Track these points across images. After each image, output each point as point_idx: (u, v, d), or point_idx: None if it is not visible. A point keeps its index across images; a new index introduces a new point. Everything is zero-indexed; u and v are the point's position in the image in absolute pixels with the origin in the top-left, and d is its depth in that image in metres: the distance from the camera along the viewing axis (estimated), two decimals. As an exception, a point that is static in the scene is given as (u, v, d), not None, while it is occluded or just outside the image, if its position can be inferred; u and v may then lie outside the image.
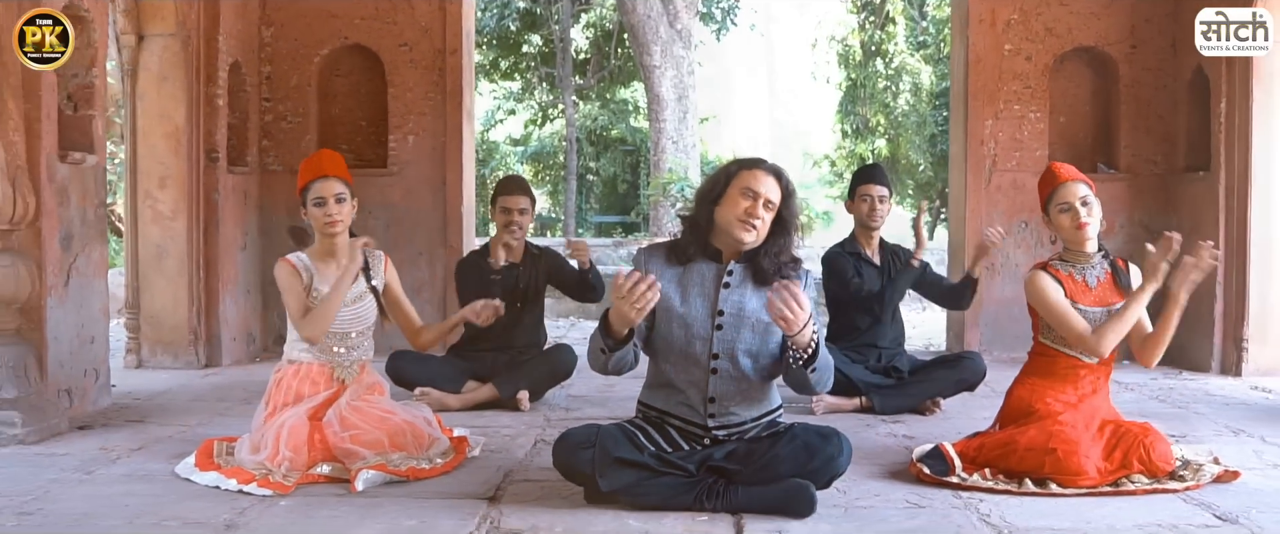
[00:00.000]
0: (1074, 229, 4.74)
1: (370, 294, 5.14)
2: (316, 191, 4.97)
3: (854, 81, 27.54)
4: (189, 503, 4.33)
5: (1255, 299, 7.61)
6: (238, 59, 8.40)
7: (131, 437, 5.55)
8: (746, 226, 4.18)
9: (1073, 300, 4.74)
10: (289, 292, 5.00)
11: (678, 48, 19.75)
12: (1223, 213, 7.81)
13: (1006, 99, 8.66)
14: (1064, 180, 4.76)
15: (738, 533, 3.98)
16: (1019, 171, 8.63)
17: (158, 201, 7.91)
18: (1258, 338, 7.68)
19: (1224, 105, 7.76)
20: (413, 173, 8.84)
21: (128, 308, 7.98)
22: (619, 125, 29.72)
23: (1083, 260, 4.81)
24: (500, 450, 5.29)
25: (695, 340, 4.25)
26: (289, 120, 8.83)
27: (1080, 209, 4.71)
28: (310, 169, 5.04)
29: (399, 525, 4.03)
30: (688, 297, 4.27)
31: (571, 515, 4.12)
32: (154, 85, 7.86)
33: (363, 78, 9.02)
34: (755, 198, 4.18)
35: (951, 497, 4.43)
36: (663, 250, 4.39)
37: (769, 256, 4.25)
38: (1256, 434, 5.74)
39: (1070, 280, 4.78)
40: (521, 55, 29.01)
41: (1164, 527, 4.03)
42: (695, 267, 4.32)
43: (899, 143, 27.13)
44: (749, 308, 4.24)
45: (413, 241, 8.80)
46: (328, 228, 4.98)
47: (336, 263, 5.05)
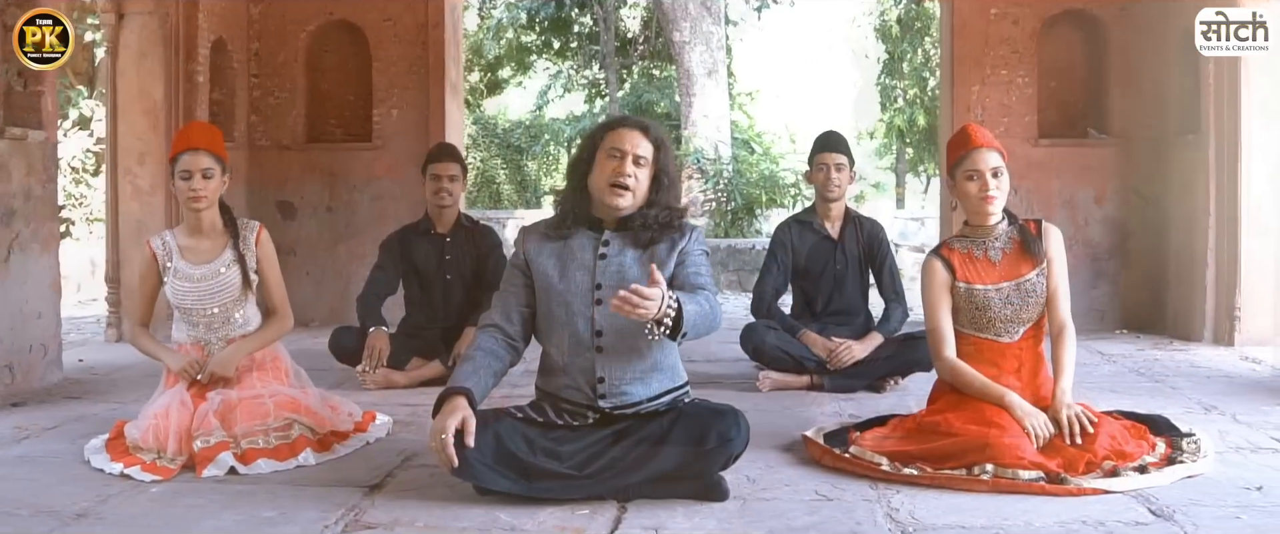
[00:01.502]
0: (979, 199, 4.17)
1: (236, 265, 4.65)
2: (183, 165, 4.53)
3: (891, 56, 26.87)
4: (58, 488, 3.92)
5: (1247, 266, 6.97)
6: (223, 36, 8.03)
7: (54, 414, 5.19)
8: (617, 191, 3.72)
9: (968, 282, 4.21)
10: (139, 282, 4.70)
11: (707, 23, 19.15)
12: (1213, 177, 7.18)
13: (993, 64, 8.07)
14: (977, 146, 4.18)
15: (616, 527, 3.50)
16: (1006, 138, 8.02)
17: (137, 177, 7.57)
18: (1250, 306, 7.04)
19: (1213, 67, 7.13)
20: (396, 146, 8.44)
21: (108, 282, 7.65)
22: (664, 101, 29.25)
23: (984, 234, 4.26)
24: (416, 431, 4.82)
25: (577, 318, 3.78)
26: (277, 96, 8.46)
27: (990, 179, 4.15)
28: (180, 141, 4.61)
29: (255, 517, 3.58)
30: (567, 272, 3.81)
31: (442, 509, 3.64)
32: (133, 62, 7.52)
33: (350, 53, 8.63)
34: (623, 157, 3.72)
35: (868, 488, 3.89)
36: (541, 227, 3.91)
37: (643, 217, 3.78)
38: (1228, 411, 5.14)
39: (968, 259, 4.24)
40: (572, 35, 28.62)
41: (1089, 523, 3.47)
42: (574, 239, 3.85)
43: (936, 113, 26.42)
44: (630, 276, 3.74)
45: (398, 216, 8.34)
46: (192, 203, 4.55)
47: (205, 237, 4.64)
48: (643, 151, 3.75)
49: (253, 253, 4.71)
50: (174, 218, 7.56)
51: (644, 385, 3.84)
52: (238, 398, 4.41)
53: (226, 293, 4.64)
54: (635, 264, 3.79)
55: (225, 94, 8.13)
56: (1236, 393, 5.63)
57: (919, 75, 26.61)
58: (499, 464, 3.65)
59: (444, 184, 6.01)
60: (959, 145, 4.26)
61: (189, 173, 4.52)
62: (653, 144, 3.79)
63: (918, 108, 27.20)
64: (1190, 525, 3.45)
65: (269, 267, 4.77)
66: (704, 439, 3.65)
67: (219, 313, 4.64)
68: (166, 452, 4.18)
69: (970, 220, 4.29)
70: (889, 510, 3.64)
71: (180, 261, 4.60)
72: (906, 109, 27.53)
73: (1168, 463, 4.04)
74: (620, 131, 3.79)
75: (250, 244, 4.71)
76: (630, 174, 3.73)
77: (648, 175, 3.79)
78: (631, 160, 3.73)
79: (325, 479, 4.05)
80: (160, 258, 4.62)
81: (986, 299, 4.21)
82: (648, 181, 3.79)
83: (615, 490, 3.69)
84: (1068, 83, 8.32)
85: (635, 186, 3.75)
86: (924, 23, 26.13)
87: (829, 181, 5.88)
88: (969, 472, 3.91)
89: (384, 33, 8.39)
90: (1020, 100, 8.07)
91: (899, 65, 26.91)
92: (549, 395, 3.91)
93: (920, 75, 26.58)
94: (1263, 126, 7.00)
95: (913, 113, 27.32)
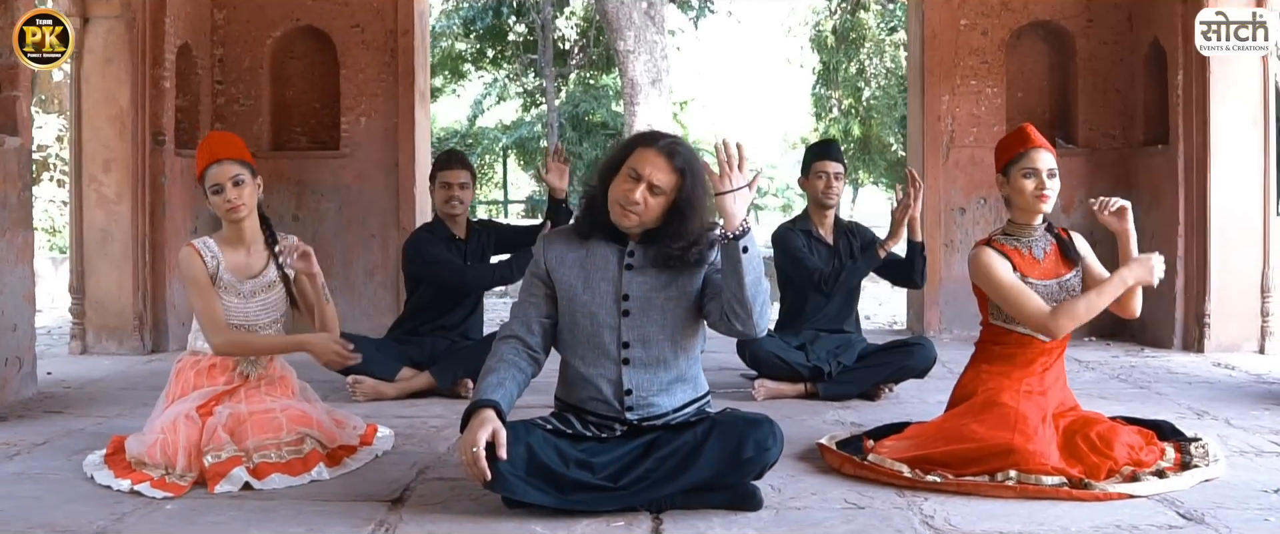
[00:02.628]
0: (1035, 196, 4.19)
1: (280, 284, 4.51)
2: (212, 178, 4.33)
3: (826, 65, 27.04)
4: (67, 507, 3.78)
5: (1217, 274, 7.09)
6: (188, 41, 7.85)
7: (40, 430, 5.01)
8: (623, 213, 3.60)
9: (1023, 275, 4.22)
10: (194, 284, 4.36)
11: (651, 32, 19.13)
12: (1182, 187, 7.31)
13: (963, 74, 8.13)
14: (1036, 145, 4.22)
15: (654, 538, 3.46)
16: (976, 147, 8.11)
17: (102, 185, 7.37)
18: (1219, 313, 7.17)
19: (1181, 78, 7.24)
20: (365, 155, 8.30)
21: (72, 293, 7.44)
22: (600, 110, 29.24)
23: (1028, 233, 4.29)
24: (421, 443, 4.75)
25: (603, 329, 3.71)
26: (242, 103, 8.29)
27: (1046, 179, 4.19)
28: (203, 155, 4.40)
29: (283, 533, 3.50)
30: (591, 282, 3.72)
31: (474, 523, 3.57)
32: (99, 68, 7.32)
33: (316, 60, 8.48)
34: (636, 180, 3.58)
35: (895, 496, 3.88)
36: (564, 234, 3.82)
37: (669, 242, 3.64)
38: (1221, 416, 5.22)
39: (1017, 254, 4.26)
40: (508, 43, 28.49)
41: (1123, 528, 3.49)
42: (596, 248, 3.75)
43: (871, 124, 26.67)
44: (657, 286, 3.70)
45: (365, 224, 8.28)
46: (230, 214, 4.36)
47: (246, 249, 4.45)
48: (660, 180, 3.58)
49: (293, 269, 4.58)
50: (142, 226, 7.39)
51: (669, 396, 3.78)
52: (247, 412, 4.27)
53: (274, 310, 4.49)
54: (662, 274, 3.72)
55: (189, 101, 7.95)
56: (1222, 398, 5.71)
57: (854, 86, 26.82)
58: (532, 476, 3.57)
59: (455, 192, 5.94)
60: (1016, 143, 4.28)
61: (220, 185, 4.34)
62: (676, 173, 3.60)
63: (852, 118, 27.42)
64: (1223, 528, 3.49)
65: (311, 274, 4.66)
66: (740, 449, 3.61)
67: (266, 329, 4.47)
68: (176, 467, 4.04)
69: (1017, 218, 4.31)
70: (924, 517, 3.63)
71: (227, 276, 4.40)
72: (841, 119, 27.73)
73: (1182, 468, 4.08)
74: (643, 153, 3.61)
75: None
76: (639, 201, 3.59)
77: (662, 204, 3.61)
78: (646, 187, 3.58)
79: (344, 494, 3.95)
80: (208, 263, 4.38)
81: (1042, 293, 4.22)
82: (660, 209, 3.62)
83: (649, 502, 3.64)
84: (1034, 93, 8.40)
85: (642, 213, 3.61)
86: (859, 34, 26.37)
87: (829, 189, 5.87)
88: (992, 478, 3.92)
89: (352, 39, 8.25)
90: (989, 110, 8.14)
91: (834, 76, 27.09)
92: (572, 407, 3.85)
93: (855, 86, 26.79)
94: (1230, 138, 7.13)
95: (848, 123, 27.52)
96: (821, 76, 27.68)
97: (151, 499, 3.86)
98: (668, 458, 3.66)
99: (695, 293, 3.73)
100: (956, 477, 3.95)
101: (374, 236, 8.25)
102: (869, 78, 26.56)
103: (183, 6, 7.73)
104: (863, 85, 26.67)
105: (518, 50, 28.34)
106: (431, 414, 5.38)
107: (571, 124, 28.86)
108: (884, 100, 26.17)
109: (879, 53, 26.30)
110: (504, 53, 29.16)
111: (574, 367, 3.80)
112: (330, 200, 8.18)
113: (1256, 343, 7.20)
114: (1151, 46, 7.64)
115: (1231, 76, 7.07)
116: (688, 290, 3.72)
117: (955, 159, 8.14)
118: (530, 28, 27.59)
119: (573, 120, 28.90)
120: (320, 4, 8.26)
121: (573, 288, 3.72)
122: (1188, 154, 7.25)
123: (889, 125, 25.94)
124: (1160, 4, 7.47)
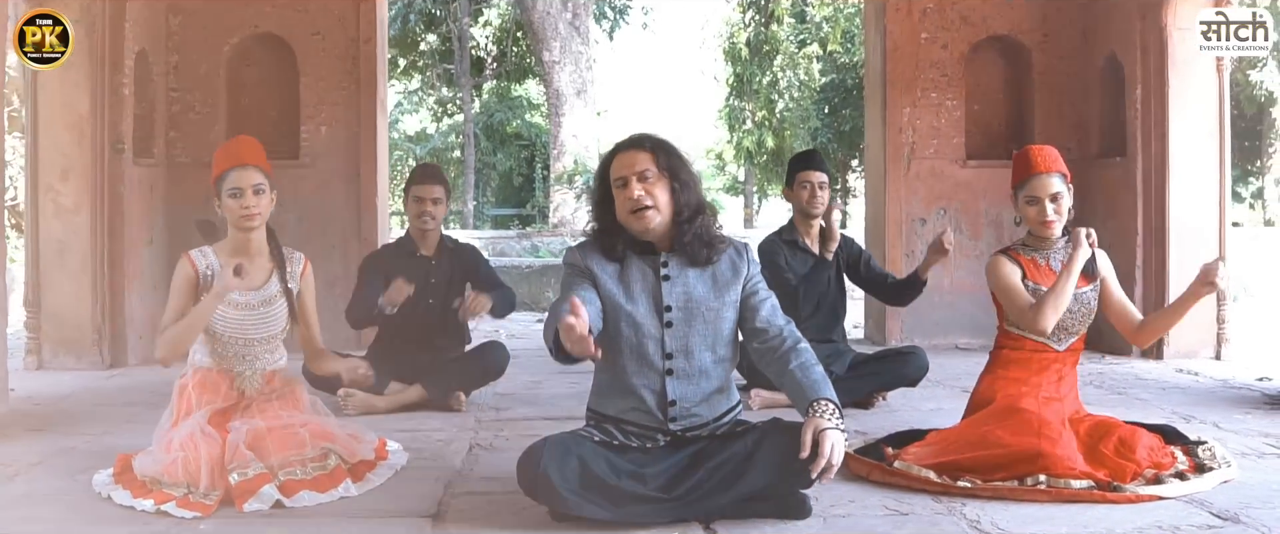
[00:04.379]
0: (1039, 224, 4.30)
1: (282, 297, 4.38)
2: (233, 181, 4.22)
3: (739, 77, 27.22)
4: (100, 527, 3.65)
5: (1175, 283, 7.26)
6: (144, 47, 7.63)
7: (31, 449, 4.80)
8: (638, 216, 3.63)
9: (1035, 283, 4.30)
10: (174, 295, 4.29)
11: (577, 43, 19.15)
12: (1140, 198, 7.48)
13: (924, 87, 8.24)
14: (1038, 172, 4.27)
15: (708, 546, 3.44)
16: (937, 159, 8.22)
17: (60, 195, 7.12)
18: (1178, 321, 7.33)
19: (1140, 92, 7.41)
20: (325, 164, 8.14)
21: (28, 306, 7.17)
22: (515, 121, 29.12)
23: (1046, 245, 4.38)
24: (433, 458, 4.66)
25: (647, 340, 3.70)
26: (197, 111, 8.08)
27: (1048, 206, 4.25)
28: (228, 157, 4.28)
29: (339, 551, 3.41)
30: (631, 294, 3.72)
31: (528, 536, 3.53)
32: (57, 74, 7.02)
33: (273, 68, 8.28)
34: (626, 183, 3.64)
35: (932, 501, 3.91)
36: (597, 246, 3.79)
37: (692, 234, 3.70)
38: (1207, 420, 5.35)
39: (1032, 264, 4.35)
40: (419, 53, 28.24)
41: (1164, 528, 3.57)
42: (631, 262, 3.76)
43: (783, 136, 26.86)
44: (697, 296, 3.72)
45: (325, 235, 8.10)
46: (244, 221, 4.24)
47: (249, 260, 4.32)
48: (643, 166, 3.65)
49: (297, 285, 4.46)
50: (101, 237, 7.16)
51: (710, 406, 3.79)
52: (266, 427, 4.15)
53: (273, 324, 4.36)
54: (700, 284, 3.75)
55: (144, 108, 7.72)
56: (1200, 403, 5.85)
57: (767, 97, 27.01)
58: (586, 490, 3.53)
59: (428, 207, 5.80)
60: (1022, 169, 4.34)
61: (240, 190, 4.22)
62: (650, 154, 3.68)
63: (766, 129, 27.60)
64: (1260, 527, 3.58)
65: (311, 302, 4.54)
66: (793, 458, 3.60)
67: (261, 344, 4.35)
68: (199, 486, 3.91)
69: (1034, 232, 4.38)
70: (970, 522, 3.67)
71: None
72: (755, 131, 27.90)
73: (1198, 471, 4.17)
74: (616, 159, 3.71)
75: (296, 277, 4.46)
76: (643, 195, 3.63)
77: (663, 187, 3.67)
78: (637, 180, 3.64)
79: (379, 510, 3.86)
80: (203, 274, 4.28)
81: None
82: (666, 193, 3.68)
83: (701, 512, 3.61)
84: (990, 106, 8.54)
85: (656, 203, 3.65)
86: (773, 46, 26.58)
87: (813, 199, 5.89)
88: (1021, 482, 3.96)
89: (313, 47, 8.09)
90: (949, 122, 8.26)
91: (748, 87, 27.27)
92: (610, 418, 3.80)
93: (768, 97, 26.99)
94: (1188, 150, 7.31)
95: (761, 134, 27.70)
96: (735, 88, 27.84)
97: (180, 519, 3.72)
98: (719, 468, 3.65)
99: (734, 305, 3.77)
100: (984, 482, 4.00)
101: (335, 248, 8.09)
102: (782, 90, 26.75)
103: (140, 12, 7.51)
104: (776, 97, 26.85)
105: (432, 60, 28.11)
106: (431, 427, 5.29)
107: (486, 134, 28.70)
108: (797, 112, 26.38)
109: (792, 66, 26.52)
110: (416, 63, 28.91)
111: (616, 377, 3.77)
112: (289, 211, 7.94)
113: (1213, 349, 7.40)
114: (1107, 61, 7.81)
115: (1189, 91, 7.27)
116: (727, 301, 3.76)
117: (916, 170, 8.24)
118: (443, 38, 27.37)
119: (487, 130, 28.75)
120: (280, 11, 8.09)
121: (615, 295, 3.71)
122: (1146, 166, 7.43)
123: (801, 137, 26.14)
124: (1116, 20, 7.64)
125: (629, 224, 3.68)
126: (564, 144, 18.99)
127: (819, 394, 3.57)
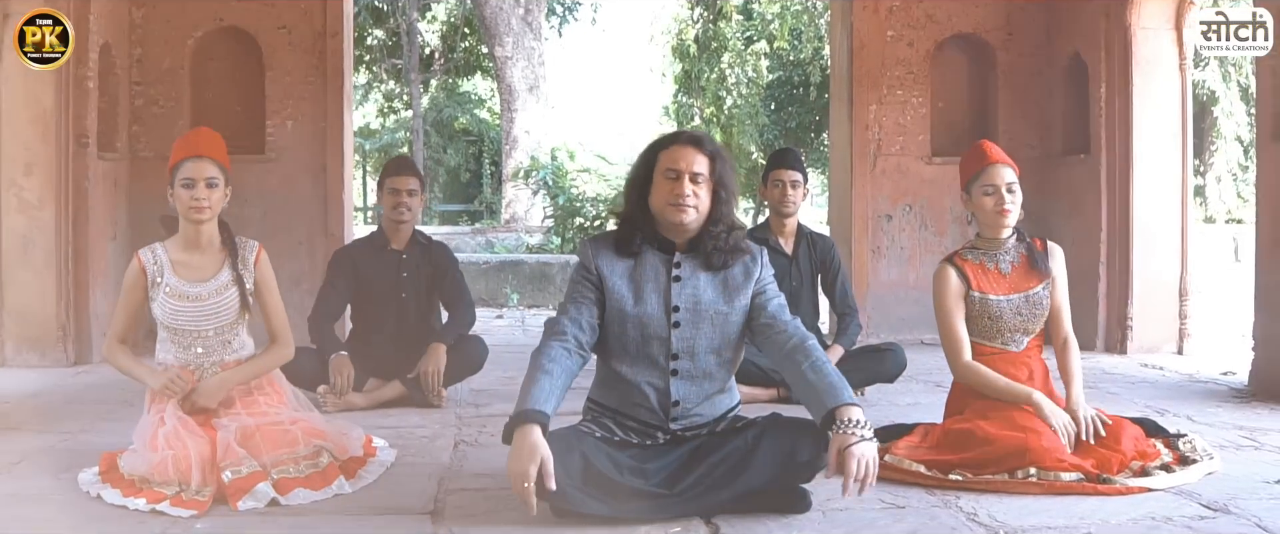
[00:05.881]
0: (995, 212, 4.30)
1: (234, 287, 4.33)
2: (187, 172, 4.19)
3: (687, 74, 27.25)
4: (94, 527, 3.59)
5: (1139, 279, 7.38)
6: (108, 40, 7.50)
7: (9, 447, 4.70)
8: (680, 209, 3.65)
9: (982, 292, 4.32)
10: (123, 293, 4.34)
11: (529, 39, 19.09)
12: (1104, 195, 7.59)
13: (890, 84, 8.28)
14: (993, 162, 4.32)
15: (711, 541, 3.44)
16: (903, 156, 8.27)
17: (23, 190, 6.99)
18: (1141, 317, 7.48)
19: (1104, 91, 7.52)
20: (291, 159, 8.05)
21: (-11, 303, 7.04)
22: (463, 116, 28.97)
23: (995, 247, 4.39)
24: (421, 454, 4.63)
25: (652, 341, 3.71)
26: (161, 105, 7.96)
27: (1006, 194, 4.29)
28: (185, 147, 4.27)
29: (343, 549, 3.38)
30: (641, 294, 3.72)
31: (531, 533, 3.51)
32: (21, 67, 6.87)
33: (238, 61, 8.16)
34: (679, 177, 3.64)
35: (926, 494, 3.94)
36: (611, 242, 3.80)
37: (713, 238, 3.72)
38: (1182, 413, 5.44)
39: (980, 270, 4.37)
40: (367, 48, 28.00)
41: (1157, 519, 3.63)
42: (645, 259, 3.76)
43: (732, 132, 26.94)
44: (706, 299, 3.73)
45: (292, 230, 8.01)
46: (193, 213, 4.21)
47: (201, 253, 4.31)
48: (699, 168, 3.68)
49: (251, 274, 4.40)
50: (66, 233, 7.04)
51: (711, 406, 3.81)
52: (255, 425, 4.11)
53: (224, 315, 4.32)
54: (710, 287, 3.75)
55: (108, 102, 7.59)
56: (1170, 397, 5.94)
57: (715, 94, 27.06)
58: (588, 486, 3.52)
59: (403, 199, 5.75)
60: (975, 161, 4.38)
61: (192, 180, 4.19)
62: (708, 158, 3.71)
63: (714, 126, 27.65)
64: (1249, 517, 3.65)
65: (268, 290, 4.47)
66: (795, 453, 3.62)
67: (214, 336, 4.32)
68: (191, 484, 3.85)
69: (983, 232, 4.41)
70: (968, 514, 3.71)
71: (173, 278, 4.27)
72: (702, 127, 27.95)
73: (1182, 463, 4.23)
74: (675, 150, 3.71)
75: (249, 265, 4.40)
76: (690, 194, 3.66)
77: (708, 191, 3.72)
78: (689, 179, 3.66)
79: (375, 507, 3.83)
80: (150, 272, 4.28)
81: (999, 309, 4.33)
82: (710, 199, 3.72)
83: (702, 508, 3.62)
84: (955, 104, 8.60)
85: (698, 204, 3.68)
86: (721, 43, 26.63)
87: (785, 198, 5.91)
88: (1011, 476, 4.01)
89: (279, 41, 8.00)
90: (914, 120, 8.31)
91: (696, 84, 27.30)
92: (611, 411, 3.81)
93: (716, 94, 27.04)
94: (1152, 149, 7.44)
95: (709, 130, 27.74)
96: (683, 85, 27.86)
97: (177, 518, 3.67)
98: (720, 464, 3.66)
99: (743, 310, 3.78)
100: (975, 476, 4.03)
101: (301, 244, 8.00)
102: (730, 87, 26.81)
103: (104, 5, 7.38)
104: (724, 94, 26.91)
105: (380, 55, 27.88)
106: (412, 424, 5.26)
107: (435, 130, 28.54)
108: (744, 109, 26.44)
109: (740, 62, 26.57)
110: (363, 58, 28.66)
111: (619, 372, 3.77)
112: (254, 206, 7.88)
113: (1175, 344, 7.53)
114: (1071, 59, 7.91)
115: (1153, 90, 7.39)
116: (737, 307, 3.77)
117: (882, 167, 8.29)
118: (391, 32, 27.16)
119: (436, 125, 28.58)
120: (245, 4, 7.98)
121: (623, 299, 3.71)
122: (1111, 164, 7.53)
123: (749, 133, 26.22)
124: (1082, 20, 7.74)
125: (665, 214, 3.69)
126: (516, 140, 18.92)
127: (839, 401, 3.50)
